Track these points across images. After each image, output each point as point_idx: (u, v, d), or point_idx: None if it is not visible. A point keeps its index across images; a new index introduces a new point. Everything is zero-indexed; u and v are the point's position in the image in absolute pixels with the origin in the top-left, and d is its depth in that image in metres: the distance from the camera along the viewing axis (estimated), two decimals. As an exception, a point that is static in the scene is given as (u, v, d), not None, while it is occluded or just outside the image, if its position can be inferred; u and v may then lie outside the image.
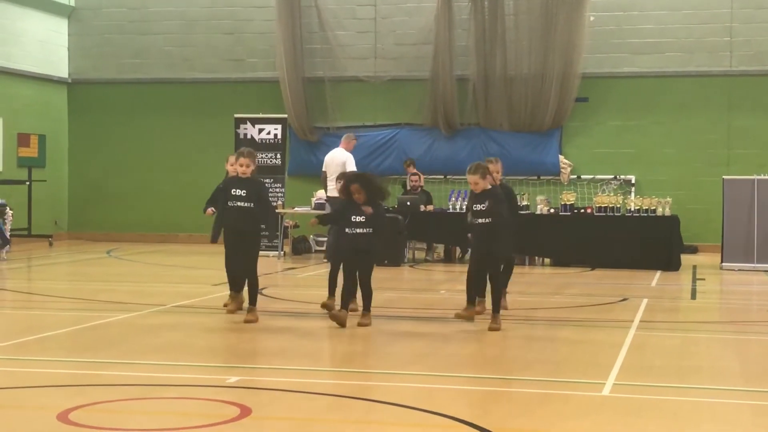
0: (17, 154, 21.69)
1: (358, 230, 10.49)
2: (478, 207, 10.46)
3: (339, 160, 17.60)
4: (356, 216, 10.51)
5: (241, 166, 10.65)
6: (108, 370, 8.25)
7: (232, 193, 10.68)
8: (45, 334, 9.98)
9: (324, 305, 11.14)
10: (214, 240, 11.24)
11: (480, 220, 10.47)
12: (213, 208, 11.30)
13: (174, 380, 7.88)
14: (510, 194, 11.65)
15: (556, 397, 7.46)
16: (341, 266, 10.88)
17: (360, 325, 10.41)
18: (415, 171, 19.85)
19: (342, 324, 10.32)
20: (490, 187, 10.51)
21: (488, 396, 7.54)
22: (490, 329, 10.27)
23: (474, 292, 10.75)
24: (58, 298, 12.89)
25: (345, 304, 10.60)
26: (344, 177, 11.19)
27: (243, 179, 10.70)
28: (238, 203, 10.65)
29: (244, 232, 10.71)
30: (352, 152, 18.04)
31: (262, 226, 11.15)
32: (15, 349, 9.15)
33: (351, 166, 17.30)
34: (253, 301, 10.71)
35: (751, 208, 17.23)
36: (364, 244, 10.50)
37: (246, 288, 10.88)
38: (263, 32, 22.40)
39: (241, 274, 10.93)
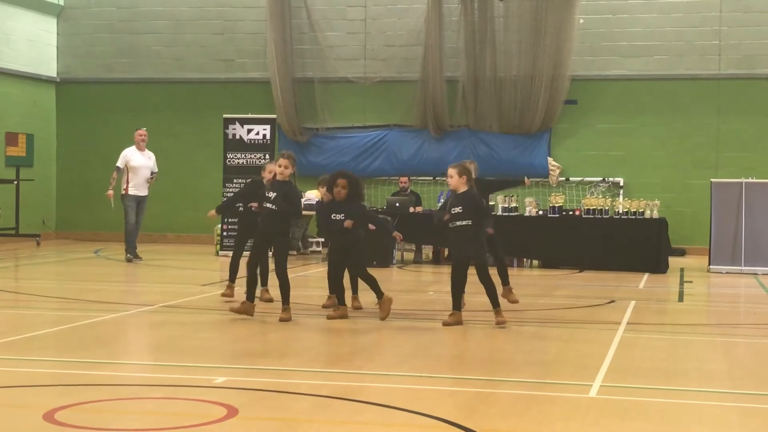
0: (5, 153, 21.63)
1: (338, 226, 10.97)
2: (456, 209, 10.48)
3: None
4: (335, 214, 10.98)
5: (280, 166, 10.75)
6: (95, 370, 8.23)
7: (266, 195, 10.90)
8: (32, 334, 9.95)
9: (326, 306, 11.65)
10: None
11: (458, 223, 10.49)
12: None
13: (161, 380, 7.87)
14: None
15: (543, 399, 7.47)
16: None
17: (382, 318, 10.88)
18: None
19: (341, 317, 10.97)
20: (466, 189, 10.54)
21: (475, 397, 7.54)
22: (498, 323, 10.46)
23: (459, 297, 10.71)
24: (46, 297, 12.85)
25: (341, 300, 11.16)
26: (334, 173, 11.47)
27: (275, 182, 10.88)
28: (267, 204, 10.84)
29: (271, 233, 10.89)
30: (348, 152, 18.23)
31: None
32: (1, 348, 9.12)
33: (119, 161, 18.13)
34: (286, 300, 10.85)
35: (739, 211, 17.26)
36: (347, 238, 10.97)
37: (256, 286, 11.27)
38: (253, 32, 22.38)
39: (254, 272, 11.06)
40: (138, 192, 17.99)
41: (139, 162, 18.00)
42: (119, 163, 18.01)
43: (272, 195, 10.79)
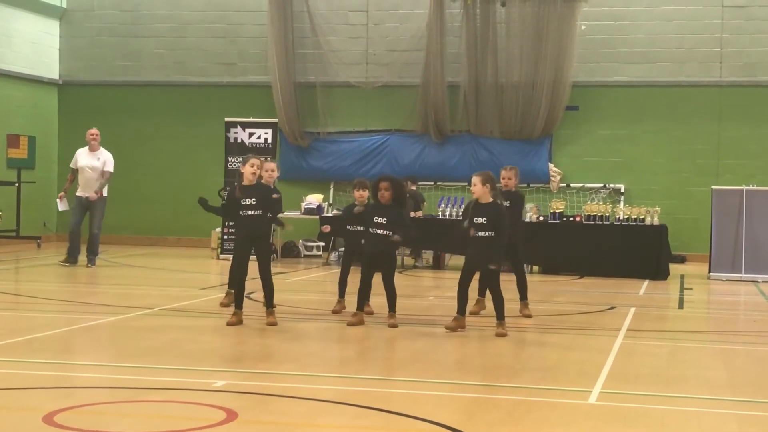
0: (6, 155, 21.64)
1: (378, 231, 10.84)
2: (480, 220, 10.47)
3: None
4: (378, 217, 10.86)
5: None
6: (94, 373, 8.23)
7: (242, 203, 10.73)
8: (32, 336, 9.95)
9: (335, 311, 11.67)
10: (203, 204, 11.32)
11: (480, 233, 10.48)
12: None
13: (160, 383, 7.87)
14: (519, 201, 12.36)
15: (542, 405, 7.47)
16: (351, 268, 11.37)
17: (389, 326, 10.79)
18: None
19: (359, 323, 10.82)
20: (491, 200, 10.57)
21: (474, 403, 7.54)
22: (498, 335, 10.43)
23: (465, 302, 10.75)
24: (46, 300, 12.85)
25: (360, 306, 10.98)
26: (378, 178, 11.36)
27: (252, 187, 10.76)
28: (249, 212, 10.70)
29: (254, 237, 10.81)
30: (349, 156, 18.28)
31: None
32: (1, 350, 9.12)
33: (72, 161, 17.58)
34: (270, 303, 10.85)
35: (739, 218, 17.27)
36: (382, 245, 10.86)
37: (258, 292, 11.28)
38: (255, 36, 22.39)
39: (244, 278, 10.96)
40: (83, 193, 17.27)
41: (83, 162, 17.32)
42: (71, 164, 17.53)
43: (251, 201, 10.67)
